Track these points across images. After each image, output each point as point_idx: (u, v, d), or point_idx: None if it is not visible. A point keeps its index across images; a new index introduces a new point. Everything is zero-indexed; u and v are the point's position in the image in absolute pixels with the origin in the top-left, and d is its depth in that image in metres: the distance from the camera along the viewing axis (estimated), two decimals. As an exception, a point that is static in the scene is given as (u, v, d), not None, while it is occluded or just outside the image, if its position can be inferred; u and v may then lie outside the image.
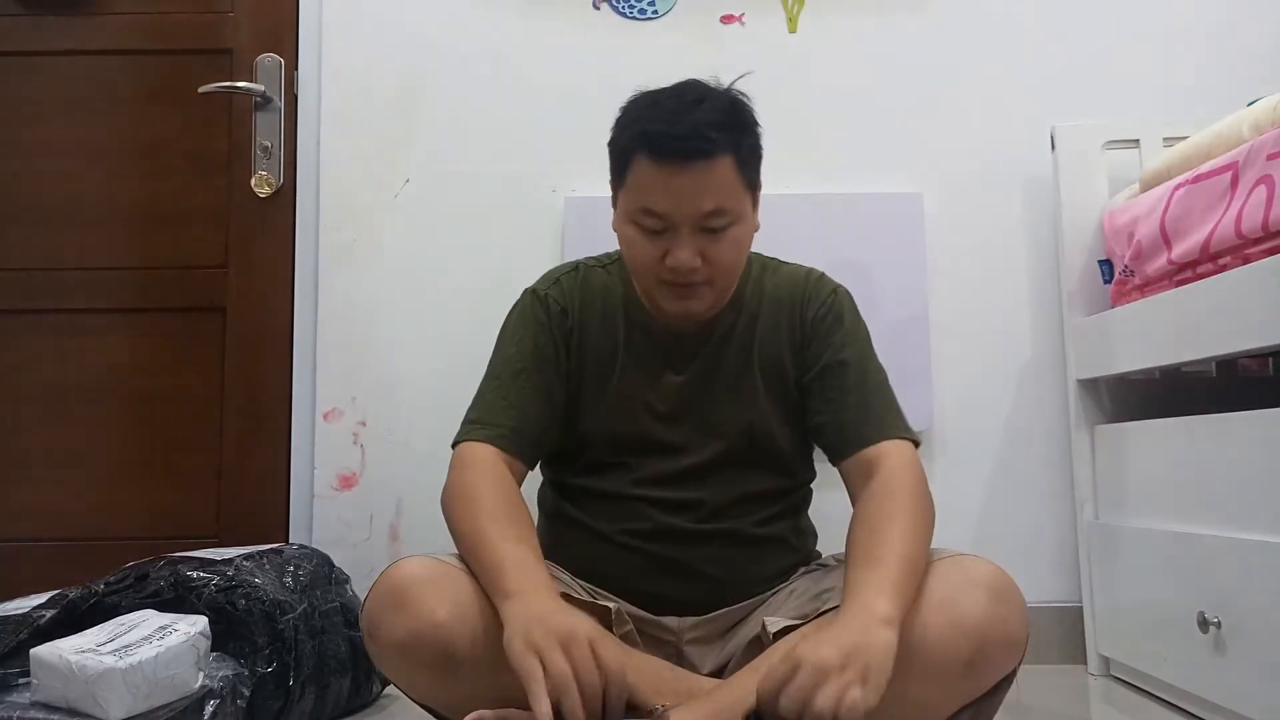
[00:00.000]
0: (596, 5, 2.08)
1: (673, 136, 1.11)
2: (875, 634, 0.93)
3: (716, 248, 1.16)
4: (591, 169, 2.01)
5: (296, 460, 2.01)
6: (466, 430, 1.24)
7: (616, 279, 1.31)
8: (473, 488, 1.15)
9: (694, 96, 1.15)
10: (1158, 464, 1.61)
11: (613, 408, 1.26)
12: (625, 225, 1.20)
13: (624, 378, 1.26)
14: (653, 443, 1.25)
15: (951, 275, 1.99)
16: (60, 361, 2.04)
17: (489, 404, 1.25)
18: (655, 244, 1.16)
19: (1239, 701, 1.36)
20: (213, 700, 1.29)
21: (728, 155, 1.13)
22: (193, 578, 1.43)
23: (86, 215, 2.07)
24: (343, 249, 2.03)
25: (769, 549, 1.27)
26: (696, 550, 1.22)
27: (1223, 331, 1.41)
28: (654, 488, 1.24)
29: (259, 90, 2.07)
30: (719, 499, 1.24)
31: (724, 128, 1.13)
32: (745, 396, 1.26)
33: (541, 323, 1.28)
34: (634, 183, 1.16)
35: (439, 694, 1.10)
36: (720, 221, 1.15)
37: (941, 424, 1.94)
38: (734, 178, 1.15)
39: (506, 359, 1.27)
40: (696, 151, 1.11)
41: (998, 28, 2.06)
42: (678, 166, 1.12)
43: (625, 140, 1.17)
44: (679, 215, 1.14)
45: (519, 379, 1.25)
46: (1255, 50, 2.01)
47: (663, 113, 1.14)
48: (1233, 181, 1.42)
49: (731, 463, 1.25)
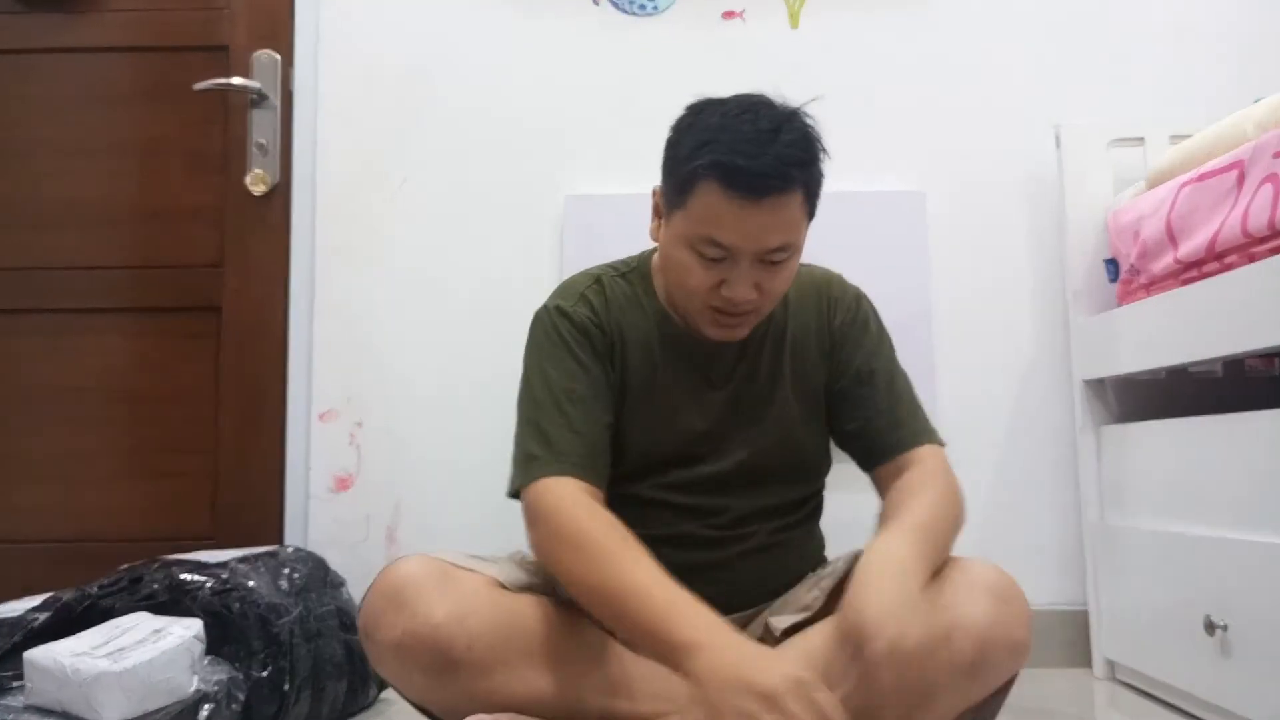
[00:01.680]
0: (596, 1, 2.06)
1: (753, 173, 1.06)
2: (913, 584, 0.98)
3: (772, 280, 1.14)
4: (592, 167, 2.02)
5: (292, 461, 2.00)
6: (535, 468, 1.12)
7: (640, 289, 1.26)
8: (580, 532, 1.05)
9: (769, 124, 1.08)
10: (1164, 465, 1.60)
11: (653, 425, 1.22)
12: (680, 249, 1.14)
13: (666, 395, 1.23)
14: (688, 455, 1.23)
15: (955, 274, 1.98)
16: (54, 361, 2.03)
17: (550, 434, 1.13)
18: (711, 272, 1.12)
19: (1245, 706, 1.35)
20: (207, 704, 1.28)
21: (800, 191, 1.10)
22: (187, 580, 1.42)
23: (81, 214, 2.06)
24: (339, 248, 2.02)
25: (783, 558, 1.26)
26: (712, 556, 1.21)
27: (1229, 331, 1.40)
28: (679, 493, 1.22)
29: (255, 87, 2.05)
30: (744, 507, 1.23)
31: (801, 163, 1.09)
32: (778, 407, 1.25)
33: (580, 342, 1.20)
34: (699, 209, 1.10)
35: (436, 695, 1.08)
36: (782, 256, 1.12)
37: (945, 424, 1.89)
38: (801, 211, 1.12)
39: (552, 384, 1.17)
40: (774, 189, 1.07)
41: (1002, 24, 2.05)
42: (752, 201, 1.07)
43: (696, 163, 1.09)
44: (744, 249, 1.10)
45: (575, 403, 1.16)
46: (1261, 48, 2.00)
47: (740, 141, 1.07)
48: (1239, 180, 1.41)
49: (760, 472, 1.24)
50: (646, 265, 1.28)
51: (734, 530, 1.22)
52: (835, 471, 1.30)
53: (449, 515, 1.94)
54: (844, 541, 1.26)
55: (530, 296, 1.41)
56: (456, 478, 1.94)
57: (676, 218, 1.13)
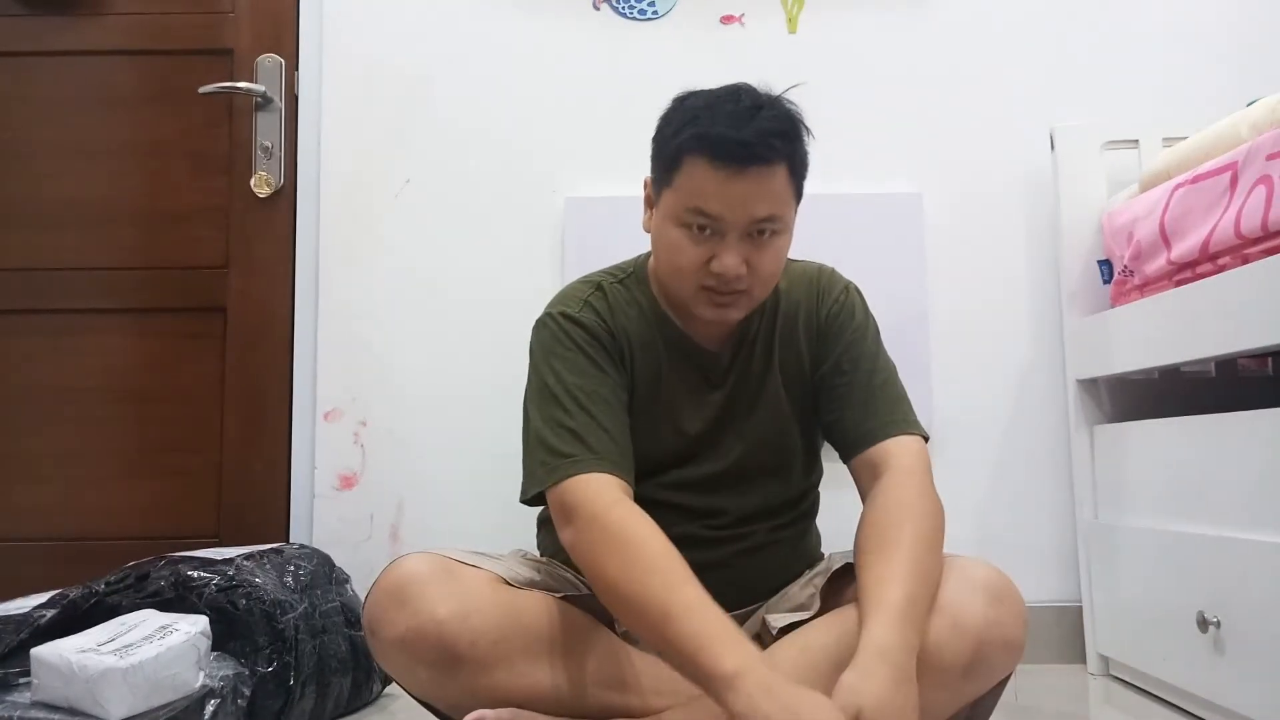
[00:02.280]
0: (597, 6, 2.08)
1: (735, 141, 1.09)
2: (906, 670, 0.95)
3: (760, 256, 1.14)
4: (592, 169, 2.04)
5: (297, 460, 2.01)
6: (567, 465, 1.09)
7: (639, 294, 1.27)
8: (625, 534, 1.03)
9: (751, 103, 1.13)
10: (1157, 464, 1.61)
11: (655, 426, 1.23)
12: (670, 227, 1.15)
13: (670, 398, 1.24)
14: (686, 455, 1.24)
15: (951, 275, 2.00)
16: (61, 361, 2.05)
17: (581, 433, 1.12)
18: (701, 247, 1.14)
19: (1238, 701, 1.36)
20: (213, 700, 1.29)
21: (783, 164, 1.12)
22: (193, 577, 1.43)
23: (87, 215, 2.08)
24: (343, 249, 2.04)
25: (780, 557, 1.27)
26: (709, 555, 1.20)
27: (1222, 331, 1.41)
28: (678, 493, 1.22)
29: (259, 91, 2.07)
30: (743, 507, 1.23)
31: (783, 136, 1.12)
32: (769, 400, 1.26)
33: (594, 346, 1.20)
34: (685, 183, 1.13)
35: (440, 691, 1.09)
36: (769, 227, 1.14)
37: (941, 424, 1.94)
38: (786, 187, 1.14)
39: (571, 386, 1.16)
40: (757, 158, 1.10)
41: (997, 28, 2.06)
42: (736, 170, 1.10)
43: (680, 141, 1.13)
44: (731, 219, 1.12)
45: (597, 403, 1.15)
46: (1254, 50, 2.01)
47: (722, 115, 1.11)
48: (1232, 182, 1.42)
49: (758, 471, 1.24)
50: (643, 269, 1.29)
51: (731, 530, 1.23)
52: (833, 470, 1.31)
53: (452, 514, 1.96)
54: (843, 540, 1.27)
55: (531, 297, 1.42)
56: (459, 477, 1.96)
57: (666, 197, 1.16)
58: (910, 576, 1.02)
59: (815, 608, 1.17)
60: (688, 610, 0.96)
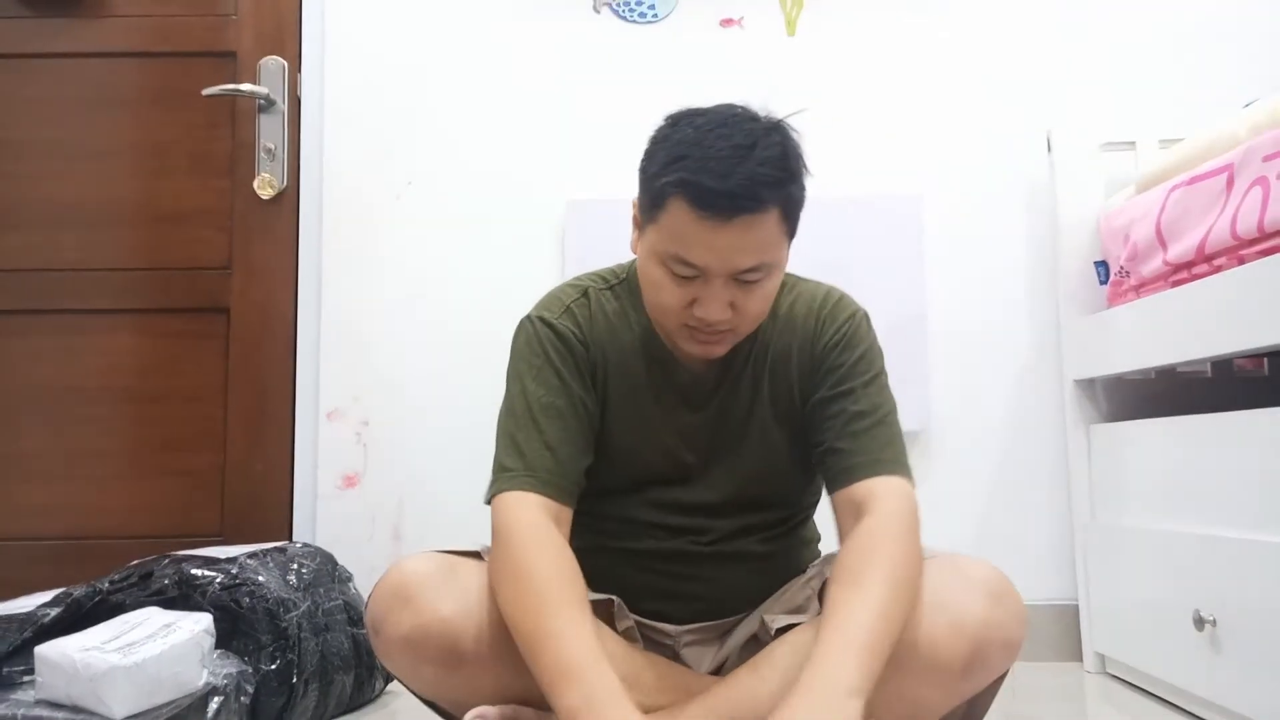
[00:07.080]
0: (597, 9, 2.09)
1: (719, 193, 1.01)
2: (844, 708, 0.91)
3: (747, 299, 1.09)
4: (592, 172, 2.05)
5: (300, 460, 2.02)
6: (503, 480, 1.10)
7: (628, 304, 1.22)
8: (521, 562, 1.03)
9: (744, 139, 1.04)
10: (1153, 463, 1.62)
11: (633, 446, 1.20)
12: (653, 265, 1.10)
13: (647, 416, 1.20)
14: (667, 478, 1.21)
15: (949, 276, 2.01)
16: (66, 362, 2.06)
17: (522, 447, 1.11)
18: (684, 290, 1.08)
19: (1234, 699, 1.37)
20: (216, 697, 1.30)
21: (774, 209, 1.04)
22: (197, 576, 1.44)
23: (91, 217, 2.09)
24: (346, 250, 2.05)
25: (772, 564, 1.24)
26: (699, 568, 1.20)
27: (1218, 332, 1.42)
28: (660, 512, 1.20)
29: (262, 93, 2.08)
30: (728, 528, 1.21)
31: (774, 183, 1.04)
32: (757, 431, 1.21)
33: (562, 354, 1.17)
34: (669, 224, 1.06)
35: (443, 689, 1.10)
36: (755, 275, 1.08)
37: (939, 424, 1.96)
38: (777, 229, 1.06)
39: (530, 396, 1.14)
40: (742, 209, 1.02)
41: (995, 31, 2.07)
42: (720, 222, 1.02)
43: (665, 180, 1.05)
44: (715, 269, 1.06)
45: (550, 417, 1.13)
46: (1251, 53, 2.02)
47: (710, 159, 1.02)
48: (1228, 183, 1.43)
49: (742, 499, 1.21)
50: (635, 278, 1.21)
51: (717, 546, 1.20)
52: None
53: (453, 514, 1.95)
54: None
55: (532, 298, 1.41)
56: (460, 476, 1.95)
57: (650, 232, 1.09)
58: (876, 618, 0.97)
59: (814, 610, 1.16)
60: (552, 639, 0.97)
